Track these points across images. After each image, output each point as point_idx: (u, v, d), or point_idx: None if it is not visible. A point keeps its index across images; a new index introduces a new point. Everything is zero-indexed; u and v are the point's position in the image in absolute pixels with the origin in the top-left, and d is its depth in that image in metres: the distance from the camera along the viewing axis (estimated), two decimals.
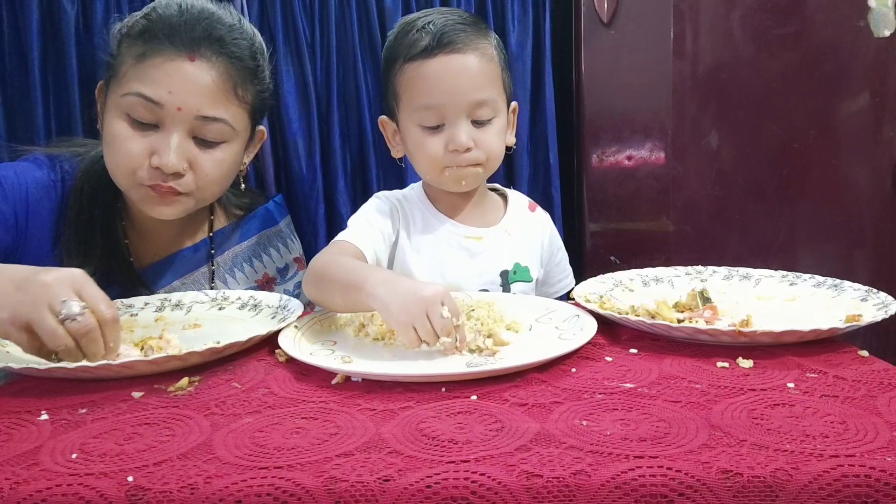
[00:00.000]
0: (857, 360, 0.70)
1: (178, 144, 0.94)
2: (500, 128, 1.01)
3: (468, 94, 0.96)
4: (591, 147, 1.62)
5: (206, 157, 0.97)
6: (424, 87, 0.97)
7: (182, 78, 0.93)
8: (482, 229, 1.07)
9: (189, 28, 0.94)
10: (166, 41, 0.93)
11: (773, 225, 1.38)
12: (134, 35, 0.96)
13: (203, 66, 0.94)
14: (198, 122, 0.95)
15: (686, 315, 0.82)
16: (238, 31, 0.99)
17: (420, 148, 1.00)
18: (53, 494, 0.48)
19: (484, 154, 0.99)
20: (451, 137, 0.97)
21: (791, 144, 1.35)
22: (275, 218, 1.24)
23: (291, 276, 1.23)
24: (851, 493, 0.47)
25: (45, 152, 1.07)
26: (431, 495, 0.47)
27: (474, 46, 0.97)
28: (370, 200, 1.08)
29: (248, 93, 1.00)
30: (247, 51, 1.00)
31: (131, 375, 0.70)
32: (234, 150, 1.02)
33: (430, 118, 0.98)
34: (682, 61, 1.34)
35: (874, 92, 1.34)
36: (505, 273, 1.06)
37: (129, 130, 0.94)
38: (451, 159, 0.98)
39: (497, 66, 1.00)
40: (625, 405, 0.60)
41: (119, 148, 0.94)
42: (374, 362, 0.73)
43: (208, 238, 1.15)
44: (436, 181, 1.03)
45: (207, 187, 1.00)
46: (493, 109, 0.99)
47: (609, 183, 1.58)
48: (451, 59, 0.96)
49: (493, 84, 0.99)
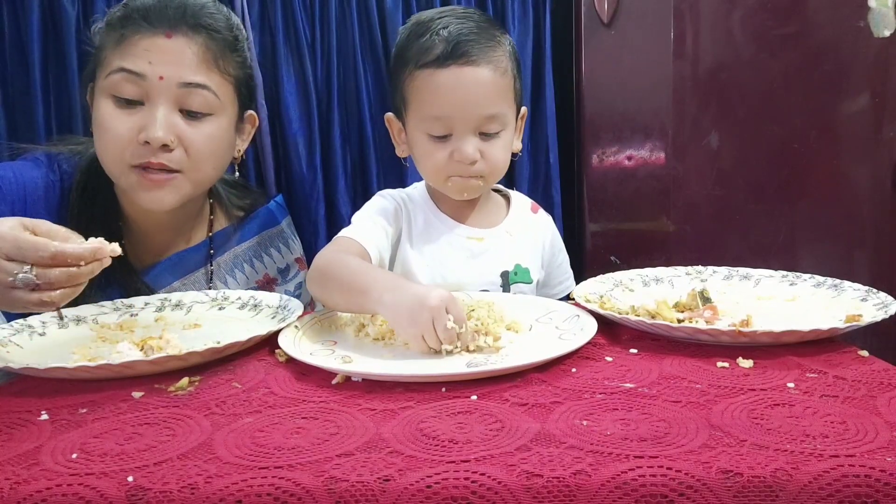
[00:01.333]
0: (857, 360, 0.70)
1: (164, 116, 0.93)
2: (507, 140, 1.00)
3: (479, 109, 0.95)
4: (591, 147, 1.63)
5: (194, 132, 0.97)
6: (435, 97, 0.95)
7: (161, 51, 0.94)
8: (483, 230, 1.07)
9: (163, 8, 0.96)
10: (143, 21, 0.95)
11: (773, 225, 1.38)
12: (113, 23, 0.97)
13: (181, 40, 0.95)
14: (182, 91, 0.95)
15: (686, 315, 0.82)
16: (211, 9, 1.01)
17: (426, 156, 1.00)
18: (53, 494, 0.48)
19: (489, 167, 0.98)
20: (458, 149, 0.96)
21: (791, 144, 1.35)
22: (276, 218, 1.24)
23: (292, 276, 1.22)
24: (851, 493, 0.47)
25: (44, 151, 1.07)
26: (431, 495, 0.47)
27: (488, 59, 0.95)
28: (374, 198, 1.08)
29: (229, 64, 1.00)
30: (223, 23, 1.01)
31: (131, 375, 0.70)
32: (223, 126, 1.01)
33: (437, 128, 0.97)
34: (682, 61, 1.34)
35: (874, 92, 1.34)
36: (506, 274, 1.06)
37: (114, 110, 0.94)
38: (456, 169, 0.98)
39: (510, 78, 0.98)
40: (625, 405, 0.60)
41: (107, 130, 0.94)
42: (374, 362, 0.73)
43: (208, 239, 1.15)
44: (439, 188, 1.04)
45: (200, 164, 0.98)
46: (501, 123, 0.98)
47: (609, 183, 1.58)
48: (464, 72, 0.94)
49: (504, 98, 0.97)
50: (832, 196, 1.37)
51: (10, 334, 0.83)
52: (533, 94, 1.63)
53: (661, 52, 1.35)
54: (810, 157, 1.36)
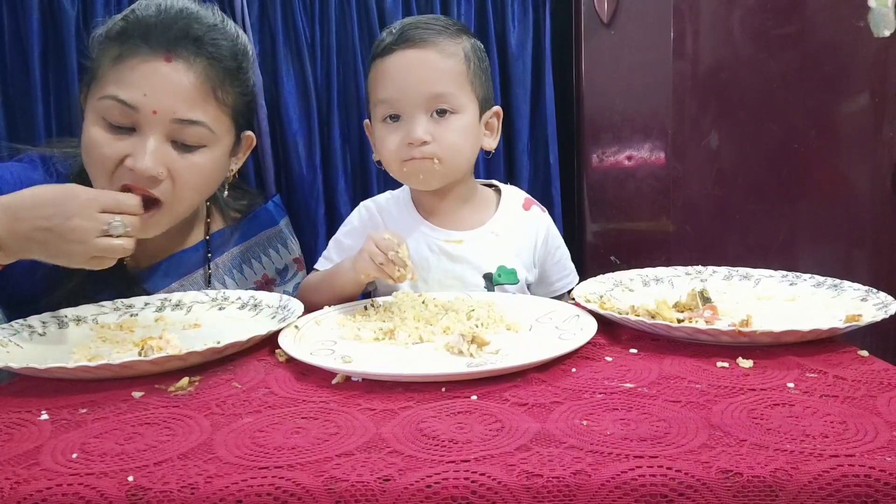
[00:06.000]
0: (857, 360, 0.70)
1: (154, 148, 0.91)
2: (462, 125, 1.00)
3: (423, 87, 0.97)
4: (591, 147, 1.63)
5: (184, 163, 0.95)
6: (382, 81, 0.99)
7: (158, 80, 0.91)
8: (463, 232, 1.06)
9: (165, 28, 0.92)
10: (142, 42, 0.92)
11: (773, 225, 1.38)
12: (112, 37, 0.94)
13: (180, 66, 0.92)
14: (175, 126, 0.93)
15: (686, 315, 0.82)
16: (219, 31, 0.97)
17: (381, 143, 1.02)
18: (54, 494, 0.48)
19: (442, 149, 0.98)
20: (407, 131, 0.98)
21: (791, 144, 1.35)
22: (274, 218, 1.24)
23: (291, 277, 1.22)
24: (851, 493, 0.47)
25: (39, 153, 1.06)
26: (431, 495, 0.47)
27: (434, 43, 0.98)
28: (351, 214, 1.13)
29: (228, 95, 0.98)
30: (227, 51, 0.97)
31: (131, 375, 0.70)
32: (215, 156, 0.99)
33: (387, 111, 0.99)
34: (682, 61, 1.34)
35: (874, 92, 1.34)
36: (489, 276, 1.05)
37: (104, 135, 0.92)
38: (408, 152, 0.99)
39: (461, 65, 0.99)
40: (625, 405, 0.60)
41: (95, 153, 0.93)
42: (374, 362, 0.73)
43: (205, 240, 1.15)
44: (399, 177, 1.04)
45: (184, 194, 0.97)
46: (452, 105, 0.99)
47: (609, 183, 1.58)
48: (407, 54, 0.98)
49: (453, 80, 0.99)
50: (832, 196, 1.37)
51: (10, 334, 0.83)
52: (533, 94, 1.63)
53: (661, 52, 1.35)
54: (810, 157, 1.35)
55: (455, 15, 1.56)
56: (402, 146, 0.99)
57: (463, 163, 1.03)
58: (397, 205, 1.10)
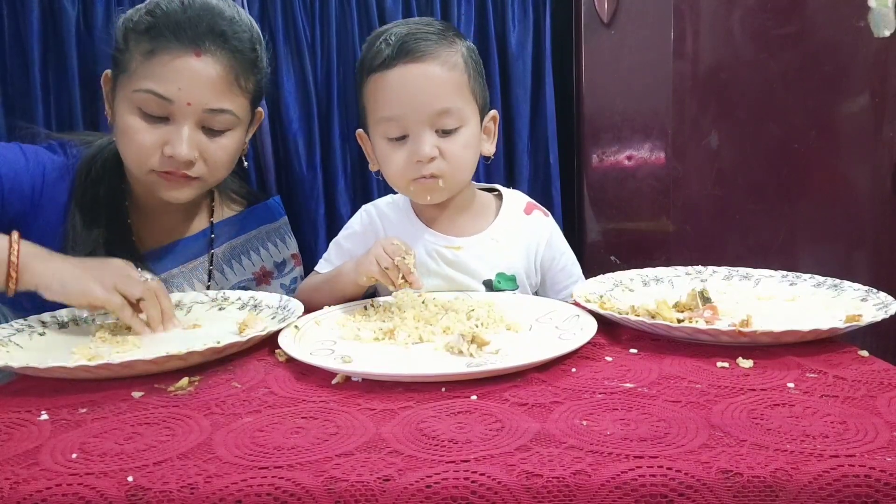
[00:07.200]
0: (857, 360, 0.70)
1: (189, 136, 0.99)
2: (467, 138, 0.98)
3: (429, 104, 0.94)
4: (591, 147, 1.63)
5: (214, 146, 1.03)
6: (385, 98, 0.96)
7: (190, 74, 0.97)
8: (462, 238, 1.06)
9: (193, 24, 0.98)
10: (172, 37, 0.97)
11: (773, 225, 1.38)
12: (140, 31, 0.99)
13: (209, 60, 0.99)
14: (206, 115, 1.00)
15: (686, 315, 0.82)
16: (238, 24, 1.03)
17: (386, 161, 1.00)
18: (53, 494, 0.48)
19: (449, 165, 0.97)
20: (415, 149, 0.96)
21: (791, 144, 1.35)
22: (274, 215, 1.28)
23: (288, 271, 1.26)
24: (851, 493, 0.47)
25: (57, 138, 1.12)
26: (431, 495, 0.47)
27: (436, 55, 0.95)
28: (353, 217, 1.13)
29: (249, 83, 1.05)
30: (247, 43, 1.04)
31: (131, 375, 0.70)
32: (238, 136, 1.07)
33: (392, 129, 0.97)
34: (682, 61, 1.34)
35: (874, 92, 1.34)
36: (488, 283, 1.05)
37: (141, 123, 0.99)
38: (416, 171, 0.97)
39: (463, 75, 0.97)
40: (625, 405, 0.60)
41: (133, 140, 1.00)
42: (374, 362, 0.73)
43: (209, 227, 1.19)
44: (404, 193, 1.04)
45: (216, 171, 1.06)
46: (458, 119, 0.96)
47: (609, 183, 1.58)
48: (410, 69, 0.94)
49: (458, 93, 0.96)
50: (832, 196, 1.37)
51: (10, 334, 0.83)
52: (533, 94, 1.63)
53: (661, 52, 1.35)
54: (810, 157, 1.35)
55: (455, 15, 1.56)
56: (409, 164, 0.97)
57: (466, 176, 1.03)
58: (397, 210, 1.10)
